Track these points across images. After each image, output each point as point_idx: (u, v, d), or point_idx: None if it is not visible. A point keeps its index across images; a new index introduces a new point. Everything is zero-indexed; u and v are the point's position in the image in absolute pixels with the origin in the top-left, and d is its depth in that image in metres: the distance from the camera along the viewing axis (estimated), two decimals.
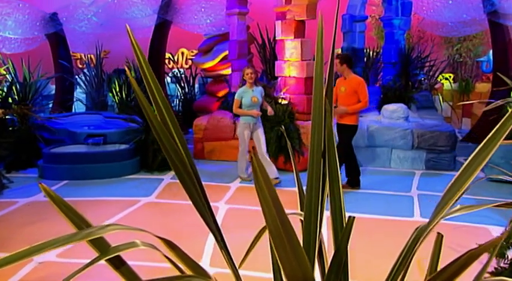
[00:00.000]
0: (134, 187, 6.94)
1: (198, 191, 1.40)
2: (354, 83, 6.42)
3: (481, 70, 12.09)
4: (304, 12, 7.94)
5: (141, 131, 7.86)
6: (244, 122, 6.80)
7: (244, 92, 6.73)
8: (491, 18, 9.37)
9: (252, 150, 1.03)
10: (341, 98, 6.50)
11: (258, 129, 6.84)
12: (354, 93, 6.38)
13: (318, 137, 1.50)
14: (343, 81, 6.51)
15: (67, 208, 1.29)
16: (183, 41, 13.32)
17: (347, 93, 6.41)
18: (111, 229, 1.09)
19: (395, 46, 10.00)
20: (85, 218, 1.32)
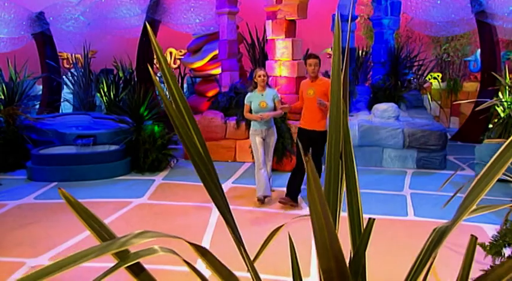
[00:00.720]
0: (126, 188, 6.87)
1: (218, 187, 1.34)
2: (324, 85, 5.85)
3: (469, 69, 12.20)
4: (296, 12, 7.93)
5: (131, 131, 7.78)
6: (254, 128, 6.14)
7: (253, 97, 6.14)
8: (479, 18, 9.45)
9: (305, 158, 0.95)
10: (309, 102, 5.88)
11: (271, 136, 6.20)
12: (324, 96, 5.77)
13: (335, 138, 1.48)
14: (311, 83, 5.92)
15: (86, 214, 1.24)
16: (171, 40, 13.22)
17: (317, 95, 5.80)
18: (148, 236, 1.04)
19: (384, 46, 10.04)
20: (105, 224, 1.27)
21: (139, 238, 0.98)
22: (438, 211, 5.84)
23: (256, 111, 6.06)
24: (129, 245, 0.94)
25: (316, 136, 5.86)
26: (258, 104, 6.04)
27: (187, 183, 7.11)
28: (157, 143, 7.62)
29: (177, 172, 7.76)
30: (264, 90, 6.11)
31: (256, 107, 6.07)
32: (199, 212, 5.82)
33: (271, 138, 6.21)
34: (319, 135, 5.86)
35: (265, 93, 6.10)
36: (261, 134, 6.12)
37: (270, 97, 6.09)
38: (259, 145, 6.10)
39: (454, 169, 7.92)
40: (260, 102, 6.04)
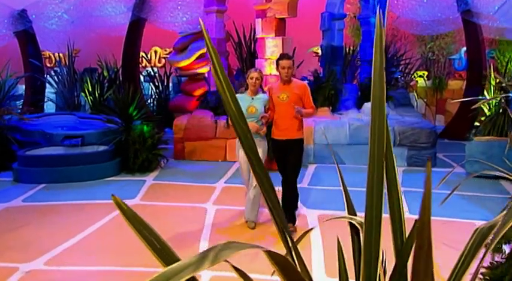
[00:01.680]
0: (116, 189, 6.74)
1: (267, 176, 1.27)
2: (298, 88, 5.09)
3: (453, 68, 12.34)
4: (286, 10, 7.91)
5: (120, 131, 7.65)
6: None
7: (241, 99, 5.00)
8: (465, 17, 9.55)
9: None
10: (282, 108, 5.05)
11: (260, 148, 5.03)
12: (299, 100, 5.05)
13: (379, 139, 1.45)
14: (283, 87, 5.09)
15: (139, 222, 1.17)
16: (156, 39, 13.06)
17: (291, 102, 5.00)
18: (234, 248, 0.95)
19: (372, 44, 10.06)
20: (156, 232, 1.21)
21: (228, 251, 0.90)
22: (434, 209, 5.85)
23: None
24: (222, 259, 0.87)
25: (292, 145, 5.10)
26: (246, 109, 5.07)
27: (179, 183, 7.03)
28: (148, 143, 7.51)
29: (168, 172, 7.66)
30: (255, 94, 5.21)
31: (244, 112, 5.19)
32: (194, 212, 5.74)
33: (261, 150, 5.08)
34: (295, 144, 5.12)
35: (256, 97, 5.18)
36: None
37: (261, 102, 5.16)
38: (244, 163, 5.15)
39: (443, 166, 7.98)
40: (249, 107, 5.10)
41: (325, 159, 8.04)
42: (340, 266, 1.43)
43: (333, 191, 6.52)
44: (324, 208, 5.87)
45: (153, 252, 1.16)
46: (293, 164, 5.12)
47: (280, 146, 5.13)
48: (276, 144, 5.21)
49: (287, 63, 4.99)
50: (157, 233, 1.21)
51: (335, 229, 5.38)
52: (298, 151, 5.15)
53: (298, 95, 5.07)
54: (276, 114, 5.13)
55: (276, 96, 5.10)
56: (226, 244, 1.05)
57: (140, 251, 4.61)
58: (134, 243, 5.00)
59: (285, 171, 5.17)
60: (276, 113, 5.13)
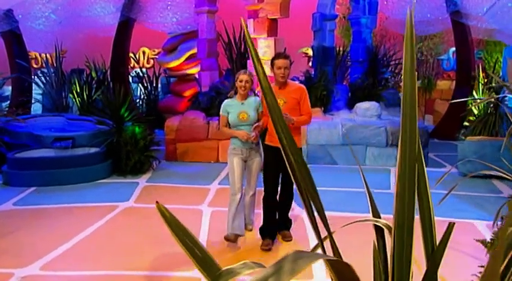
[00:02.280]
0: (109, 191, 6.65)
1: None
2: (296, 92, 4.62)
3: (442, 68, 12.45)
4: (278, 10, 7.88)
5: (112, 133, 7.55)
6: (233, 146, 4.72)
7: (230, 105, 4.69)
8: (454, 18, 9.63)
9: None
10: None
11: (255, 158, 4.73)
12: (296, 105, 4.61)
13: (411, 139, 1.42)
14: (279, 91, 4.56)
15: (184, 233, 1.13)
16: (144, 39, 12.95)
17: (288, 107, 4.52)
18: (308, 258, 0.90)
19: (362, 44, 10.11)
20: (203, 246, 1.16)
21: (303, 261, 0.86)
22: None
23: (234, 125, 4.64)
24: (299, 270, 0.83)
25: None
26: (237, 116, 4.60)
27: (173, 185, 6.96)
28: (140, 144, 7.42)
29: (160, 173, 7.59)
30: (245, 98, 4.69)
31: (235, 119, 4.61)
32: (190, 215, 5.68)
33: (254, 160, 4.74)
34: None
35: (246, 101, 4.67)
36: (242, 155, 4.70)
37: (252, 107, 4.66)
38: (237, 166, 4.67)
39: (435, 166, 8.03)
40: (240, 113, 4.60)
41: (318, 159, 8.04)
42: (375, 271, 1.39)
43: (327, 192, 6.51)
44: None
45: (194, 261, 1.12)
46: (288, 177, 4.54)
47: (274, 153, 4.55)
48: (269, 150, 4.68)
49: (283, 63, 4.52)
50: (199, 242, 1.17)
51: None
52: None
53: (296, 100, 4.60)
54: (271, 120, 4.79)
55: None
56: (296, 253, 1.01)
57: (137, 255, 4.57)
58: (130, 246, 4.97)
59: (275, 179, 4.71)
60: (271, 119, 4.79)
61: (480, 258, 4.42)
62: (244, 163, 4.74)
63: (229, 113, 4.65)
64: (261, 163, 4.80)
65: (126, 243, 4.84)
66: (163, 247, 4.70)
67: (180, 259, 4.39)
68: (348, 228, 1.77)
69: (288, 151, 1.14)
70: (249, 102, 4.69)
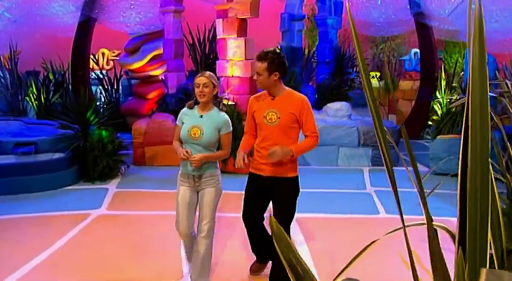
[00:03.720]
0: (78, 199, 6.33)
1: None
2: (294, 105, 3.48)
3: (404, 68, 12.69)
4: (248, 10, 7.76)
5: (77, 137, 7.19)
6: (181, 171, 3.68)
7: (186, 115, 3.66)
8: (418, 19, 9.81)
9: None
10: (268, 133, 3.51)
11: (210, 188, 3.60)
12: (293, 123, 3.49)
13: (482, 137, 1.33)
14: (272, 102, 3.51)
15: (288, 246, 0.98)
16: (103, 40, 12.53)
17: (282, 125, 3.47)
18: None
19: (329, 45, 10.14)
20: (304, 264, 1.01)
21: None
22: (408, 207, 5.89)
23: (184, 140, 3.61)
24: None
25: (279, 187, 3.54)
26: (188, 130, 3.54)
27: (145, 190, 6.71)
28: (107, 148, 7.11)
29: (130, 178, 7.30)
30: (208, 110, 3.61)
31: (184, 133, 3.57)
32: (168, 221, 5.42)
33: (206, 191, 3.61)
34: (284, 184, 3.54)
35: (207, 115, 3.60)
36: (190, 184, 3.61)
37: (212, 124, 3.56)
38: (182, 199, 3.61)
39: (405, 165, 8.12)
40: (192, 128, 3.53)
41: None
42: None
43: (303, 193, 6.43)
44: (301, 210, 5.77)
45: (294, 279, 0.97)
46: (282, 214, 3.50)
47: (260, 184, 3.57)
48: (255, 181, 3.63)
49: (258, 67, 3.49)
50: (301, 259, 1.02)
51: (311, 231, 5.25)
52: (287, 195, 3.55)
53: (293, 116, 3.47)
54: (259, 139, 3.59)
55: (260, 115, 3.52)
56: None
57: (117, 265, 4.32)
58: (109, 256, 4.70)
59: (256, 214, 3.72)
60: (260, 138, 3.58)
61: None
62: (196, 194, 3.65)
63: (183, 125, 3.60)
64: (218, 194, 3.66)
65: (104, 253, 4.58)
66: (143, 255, 4.49)
67: (161, 268, 4.20)
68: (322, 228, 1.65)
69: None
70: (210, 117, 3.58)
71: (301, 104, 3.49)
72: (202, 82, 3.52)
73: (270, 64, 3.43)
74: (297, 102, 3.49)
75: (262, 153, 3.52)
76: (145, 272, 4.15)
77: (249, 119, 3.75)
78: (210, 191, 3.60)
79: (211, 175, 3.61)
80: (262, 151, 3.52)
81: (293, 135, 3.53)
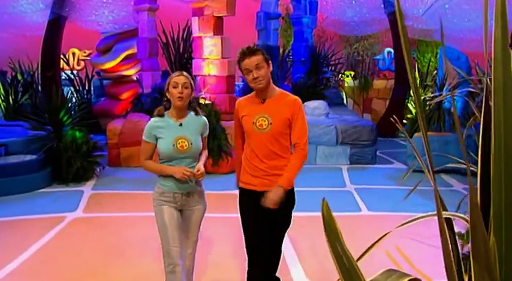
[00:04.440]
0: (52, 201, 6.11)
1: None
2: (287, 107, 2.98)
3: (378, 68, 12.81)
4: (225, 8, 7.67)
5: (50, 138, 6.96)
6: (161, 189, 3.09)
7: (161, 128, 3.05)
8: (392, 19, 9.89)
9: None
10: (258, 140, 3.00)
11: (196, 206, 3.16)
12: (286, 129, 3.00)
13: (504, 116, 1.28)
14: (262, 106, 2.99)
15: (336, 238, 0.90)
16: (73, 40, 12.22)
17: (274, 132, 2.96)
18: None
19: (304, 44, 10.14)
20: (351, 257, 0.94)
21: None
22: (389, 204, 5.95)
23: (168, 157, 3.04)
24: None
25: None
26: (174, 145, 3.00)
27: (121, 192, 6.54)
28: (82, 150, 6.91)
29: (106, 180, 7.11)
30: (184, 115, 3.11)
31: (169, 149, 3.01)
32: (147, 222, 5.29)
33: (194, 209, 3.17)
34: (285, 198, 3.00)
35: (185, 121, 3.10)
36: (175, 203, 3.08)
37: (194, 129, 3.11)
38: (171, 221, 3.05)
39: (383, 163, 8.18)
40: (178, 141, 3.01)
41: None
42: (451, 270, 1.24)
43: None
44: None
45: (338, 269, 0.91)
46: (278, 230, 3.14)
47: (257, 202, 3.01)
48: (247, 197, 3.12)
49: (253, 62, 2.88)
50: (348, 252, 0.95)
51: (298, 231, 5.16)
52: (286, 209, 3.09)
53: (287, 120, 2.97)
54: (248, 149, 3.08)
55: (248, 121, 3.02)
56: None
57: (96, 268, 4.16)
58: (88, 260, 4.53)
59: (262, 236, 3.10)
60: (249, 147, 3.07)
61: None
62: (179, 214, 3.11)
63: (160, 140, 3.02)
64: (205, 210, 3.24)
65: (82, 256, 4.42)
66: (121, 258, 4.35)
67: (140, 271, 4.07)
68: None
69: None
70: (189, 123, 3.10)
71: (294, 105, 2.99)
72: (181, 82, 2.99)
73: (263, 54, 2.93)
74: (290, 104, 2.98)
75: (253, 165, 3.04)
76: (124, 276, 4.02)
77: (236, 126, 3.18)
78: (199, 209, 3.17)
79: (200, 190, 3.19)
80: (253, 162, 3.04)
81: (287, 143, 3.03)
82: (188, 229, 3.18)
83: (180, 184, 3.03)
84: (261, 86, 2.92)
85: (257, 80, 2.89)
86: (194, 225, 3.18)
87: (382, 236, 1.80)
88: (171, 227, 3.04)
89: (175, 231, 3.05)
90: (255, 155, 3.02)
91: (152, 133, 3.04)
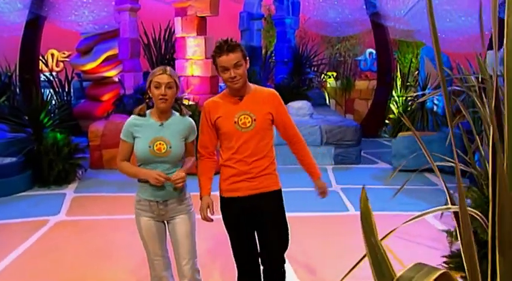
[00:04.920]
0: (34, 205, 5.97)
1: None
2: (268, 101, 2.83)
3: (359, 68, 12.89)
4: (208, 8, 7.61)
5: (31, 141, 6.81)
6: (138, 197, 2.85)
7: (139, 127, 2.78)
8: (374, 19, 9.96)
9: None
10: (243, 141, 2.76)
11: (179, 214, 2.84)
12: (270, 125, 2.84)
13: None
14: (241, 104, 2.79)
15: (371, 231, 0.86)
16: (52, 41, 11.99)
17: (259, 128, 2.77)
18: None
19: (287, 45, 10.14)
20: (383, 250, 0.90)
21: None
22: (376, 204, 5.95)
23: (143, 160, 2.75)
24: None
25: (266, 205, 2.87)
26: (150, 146, 2.70)
27: (104, 194, 6.43)
28: (63, 152, 6.77)
29: (88, 183, 6.98)
30: (168, 116, 2.80)
31: (145, 151, 2.71)
32: (133, 224, 5.19)
33: (178, 221, 2.84)
34: (270, 200, 2.89)
35: (170, 122, 2.79)
36: (152, 212, 2.81)
37: (178, 133, 2.79)
38: (147, 233, 2.83)
39: (368, 163, 8.21)
40: (155, 142, 2.71)
41: None
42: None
43: None
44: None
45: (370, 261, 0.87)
46: (275, 236, 2.92)
47: (243, 209, 2.85)
48: (232, 206, 2.87)
49: (232, 59, 2.66)
50: (381, 245, 0.91)
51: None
52: (277, 213, 2.92)
53: (270, 115, 2.82)
54: (229, 154, 2.80)
55: (227, 122, 2.78)
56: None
57: (83, 272, 4.06)
58: (74, 264, 4.42)
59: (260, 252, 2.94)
60: (229, 152, 2.81)
61: (439, 248, 4.49)
62: (164, 225, 2.87)
63: (136, 140, 2.75)
64: (193, 221, 2.89)
65: (66, 260, 4.31)
66: (106, 261, 4.27)
67: (125, 275, 3.99)
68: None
69: None
70: (172, 124, 2.78)
71: (274, 99, 2.86)
72: (164, 81, 2.67)
73: (242, 50, 2.71)
74: (269, 99, 2.84)
75: (236, 168, 2.78)
76: (111, 279, 3.93)
77: (206, 132, 2.84)
78: (182, 221, 2.81)
79: (181, 197, 2.81)
80: (236, 166, 2.78)
81: (269, 140, 2.86)
82: (176, 243, 2.85)
83: (156, 191, 2.74)
84: (237, 86, 2.73)
85: (234, 79, 2.69)
86: (181, 238, 2.82)
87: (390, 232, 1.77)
88: (150, 241, 2.83)
89: (155, 244, 2.83)
90: (239, 158, 2.78)
91: (129, 131, 2.79)
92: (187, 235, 2.83)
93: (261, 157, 2.81)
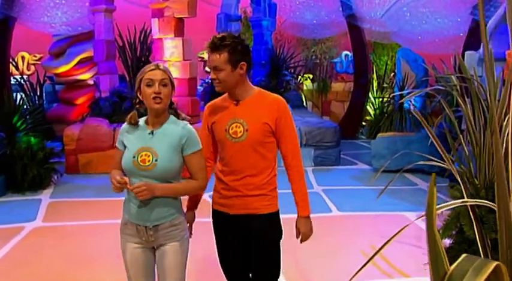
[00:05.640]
0: (8, 212, 5.76)
1: None
2: (266, 110, 2.46)
3: (335, 70, 12.96)
4: (186, 9, 7.51)
5: (3, 145, 6.57)
6: (124, 219, 2.46)
7: (129, 134, 2.45)
8: (350, 21, 10.03)
9: None
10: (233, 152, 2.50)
11: (166, 244, 2.41)
12: (267, 136, 2.48)
13: None
14: (235, 109, 2.49)
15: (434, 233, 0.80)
16: (22, 43, 11.66)
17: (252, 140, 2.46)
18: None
19: (264, 47, 10.12)
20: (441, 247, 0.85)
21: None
22: (358, 204, 5.96)
23: (128, 172, 2.38)
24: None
25: (256, 229, 2.55)
26: (134, 157, 2.35)
27: (82, 199, 6.26)
28: (38, 156, 6.57)
29: (64, 188, 6.79)
30: (162, 122, 2.40)
31: (129, 162, 2.36)
32: (110, 230, 5.05)
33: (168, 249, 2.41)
34: (263, 224, 2.56)
35: (161, 129, 2.39)
36: (141, 239, 2.41)
37: (169, 143, 2.36)
38: (131, 264, 2.46)
39: (347, 164, 8.23)
40: (139, 153, 2.35)
41: None
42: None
43: None
44: None
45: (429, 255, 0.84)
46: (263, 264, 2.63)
47: (231, 227, 2.60)
48: (221, 221, 2.64)
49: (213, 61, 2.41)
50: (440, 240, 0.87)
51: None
52: (268, 239, 2.60)
53: (267, 126, 2.45)
54: (222, 164, 2.59)
55: (220, 128, 2.52)
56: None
57: (57, 280, 3.91)
58: (53, 271, 4.25)
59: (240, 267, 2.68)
60: (222, 161, 2.59)
61: (424, 247, 4.51)
62: (151, 251, 2.46)
63: (126, 148, 2.42)
64: (185, 251, 2.47)
65: (44, 267, 4.17)
66: (85, 267, 4.16)
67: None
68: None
69: None
70: (164, 133, 2.38)
71: (277, 107, 2.46)
72: (158, 78, 2.29)
73: (232, 53, 2.35)
74: (271, 107, 2.45)
75: (225, 182, 2.53)
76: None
77: (203, 136, 2.56)
78: (173, 249, 2.39)
79: (172, 223, 2.39)
80: (225, 179, 2.53)
81: (269, 154, 2.51)
82: (162, 275, 2.42)
83: (142, 213, 2.33)
84: (218, 89, 2.47)
85: (215, 81, 2.43)
86: (169, 270, 2.39)
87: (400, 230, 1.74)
88: (135, 275, 2.45)
89: (139, 275, 2.44)
90: (229, 171, 2.51)
91: (120, 138, 2.46)
92: (176, 266, 2.41)
93: (254, 174, 2.48)
